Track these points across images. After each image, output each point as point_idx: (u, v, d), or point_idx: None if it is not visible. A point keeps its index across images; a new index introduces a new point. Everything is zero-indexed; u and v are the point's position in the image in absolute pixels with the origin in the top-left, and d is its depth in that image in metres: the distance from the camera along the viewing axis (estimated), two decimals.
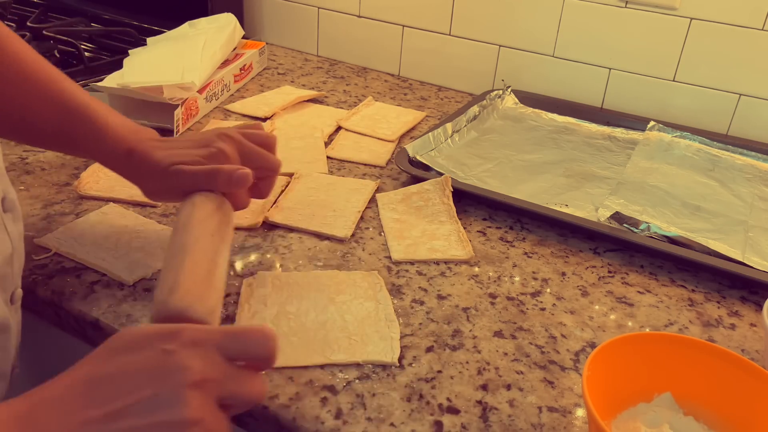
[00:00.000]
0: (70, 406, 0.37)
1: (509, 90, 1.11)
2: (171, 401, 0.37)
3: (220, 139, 0.61)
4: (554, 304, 0.66)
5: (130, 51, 1.03)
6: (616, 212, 0.75)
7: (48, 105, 0.63)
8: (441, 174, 0.83)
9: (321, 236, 0.73)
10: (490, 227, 0.78)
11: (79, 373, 0.39)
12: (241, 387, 0.40)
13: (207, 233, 0.54)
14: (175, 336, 0.40)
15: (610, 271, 0.72)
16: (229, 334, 0.41)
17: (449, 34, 1.19)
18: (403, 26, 1.23)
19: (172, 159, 0.60)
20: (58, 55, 1.14)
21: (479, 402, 0.54)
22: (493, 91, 1.10)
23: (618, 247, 0.76)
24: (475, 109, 1.03)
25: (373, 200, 0.81)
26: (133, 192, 0.77)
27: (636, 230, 0.74)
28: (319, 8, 1.29)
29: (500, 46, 1.16)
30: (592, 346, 0.61)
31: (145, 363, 0.38)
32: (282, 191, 0.81)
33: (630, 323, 0.64)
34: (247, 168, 0.59)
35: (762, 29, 0.97)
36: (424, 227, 0.75)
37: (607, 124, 1.05)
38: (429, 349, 0.59)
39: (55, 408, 0.37)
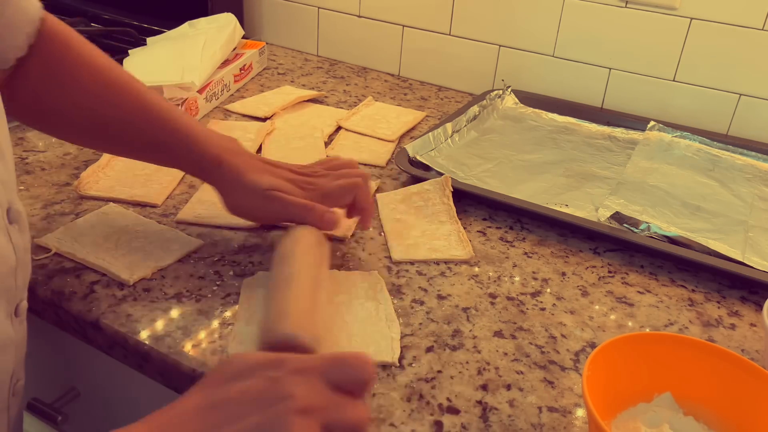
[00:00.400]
0: (189, 429, 0.39)
1: (509, 90, 1.11)
2: (277, 427, 0.38)
3: (323, 175, 0.67)
4: (554, 304, 0.66)
5: (130, 51, 1.03)
6: (616, 212, 0.75)
7: (139, 117, 0.64)
8: (441, 174, 0.83)
9: None
10: (490, 227, 0.78)
11: (192, 400, 0.41)
12: (344, 414, 0.41)
13: (310, 265, 0.58)
14: (281, 364, 0.42)
15: (610, 271, 0.72)
16: (330, 362, 0.43)
17: (449, 34, 1.19)
18: (403, 26, 1.23)
19: (270, 184, 0.63)
20: None
21: (479, 402, 0.54)
22: (493, 91, 1.10)
23: (618, 247, 0.76)
24: (475, 109, 1.03)
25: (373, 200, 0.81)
26: (133, 192, 0.77)
27: (636, 230, 0.74)
28: (319, 8, 1.29)
29: (500, 46, 1.16)
30: (592, 346, 0.61)
31: (252, 390, 0.40)
32: None
33: (630, 323, 0.64)
34: (339, 210, 0.66)
35: (762, 29, 0.97)
36: (424, 227, 0.75)
37: (607, 124, 1.05)
38: (429, 349, 0.59)
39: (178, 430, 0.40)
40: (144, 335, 0.57)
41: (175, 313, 0.60)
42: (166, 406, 0.41)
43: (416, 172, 0.84)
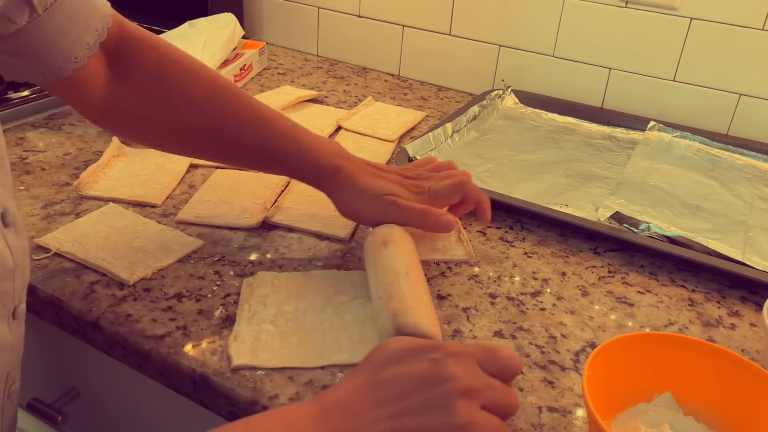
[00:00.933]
0: (357, 407, 0.43)
1: (509, 90, 1.11)
2: (444, 406, 0.42)
3: (428, 177, 0.69)
4: (554, 304, 0.66)
5: None
6: (616, 212, 0.75)
7: (250, 128, 0.66)
8: None
9: (321, 236, 0.73)
10: (490, 227, 0.78)
11: (359, 379, 0.45)
12: (500, 395, 0.44)
13: (416, 262, 0.61)
14: (439, 348, 0.45)
15: (610, 271, 0.72)
16: (484, 350, 0.46)
17: (449, 34, 1.19)
18: (403, 26, 1.23)
19: (385, 189, 0.65)
20: None
21: None
22: (493, 91, 1.10)
23: (618, 247, 0.76)
24: (475, 109, 1.03)
25: None
26: (133, 192, 0.77)
27: (636, 230, 0.74)
28: (319, 8, 1.29)
29: (500, 46, 1.16)
30: (592, 346, 0.61)
31: (416, 371, 0.44)
32: (282, 191, 0.81)
33: (630, 323, 0.64)
34: (453, 216, 0.67)
35: (762, 29, 0.97)
36: None
37: (607, 124, 1.05)
38: None
39: (344, 408, 0.43)
40: (144, 335, 0.57)
41: (175, 313, 0.60)
42: (332, 386, 0.46)
43: None
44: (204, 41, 1.04)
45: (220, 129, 0.66)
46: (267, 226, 0.74)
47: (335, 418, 0.42)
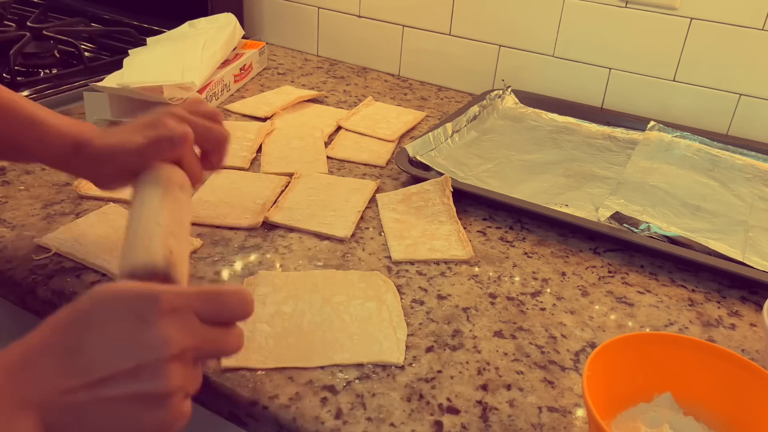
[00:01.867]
0: (48, 373, 0.38)
1: (509, 90, 1.11)
2: (153, 374, 0.38)
3: (165, 117, 0.60)
4: (554, 304, 0.66)
5: (130, 51, 1.03)
6: (616, 212, 0.75)
7: None
8: (441, 174, 0.83)
9: (321, 236, 0.73)
10: (490, 227, 0.78)
11: (54, 337, 0.39)
12: (218, 347, 0.43)
13: (158, 196, 0.54)
14: (154, 303, 0.40)
15: (610, 271, 0.72)
16: (206, 298, 0.42)
17: (449, 34, 1.19)
18: (403, 26, 1.23)
19: (118, 141, 0.59)
20: (58, 55, 1.14)
21: (479, 402, 0.54)
22: (493, 91, 1.10)
23: (618, 247, 0.76)
24: (475, 109, 1.03)
25: (373, 200, 0.81)
26: None
27: (636, 230, 0.74)
28: (319, 8, 1.29)
29: (500, 46, 1.16)
30: (592, 346, 0.61)
31: (125, 334, 0.39)
32: (282, 191, 0.81)
33: (630, 323, 0.64)
34: (187, 128, 0.59)
35: (762, 29, 0.97)
36: (424, 227, 0.75)
37: (607, 124, 1.05)
38: (429, 349, 0.59)
39: (32, 374, 0.38)
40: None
41: None
42: (21, 339, 0.39)
43: (416, 172, 0.84)
44: (204, 41, 1.04)
45: None
46: (267, 226, 0.74)
47: (19, 387, 0.37)
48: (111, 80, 0.92)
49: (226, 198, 0.78)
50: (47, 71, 1.09)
